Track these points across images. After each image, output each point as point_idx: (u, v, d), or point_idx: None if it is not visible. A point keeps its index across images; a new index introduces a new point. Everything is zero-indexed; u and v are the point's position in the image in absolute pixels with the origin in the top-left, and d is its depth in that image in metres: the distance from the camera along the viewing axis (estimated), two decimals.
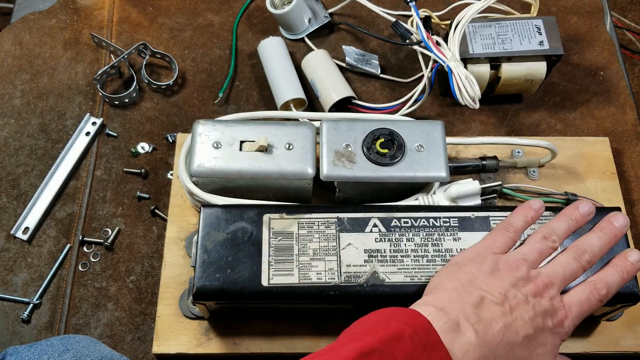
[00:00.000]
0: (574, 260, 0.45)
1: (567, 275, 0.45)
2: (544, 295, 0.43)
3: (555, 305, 0.43)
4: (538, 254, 0.46)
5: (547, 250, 0.46)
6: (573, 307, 0.44)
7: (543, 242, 0.46)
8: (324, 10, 0.75)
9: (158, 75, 0.72)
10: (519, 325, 0.41)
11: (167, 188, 0.64)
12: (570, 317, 0.43)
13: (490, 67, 0.64)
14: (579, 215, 0.48)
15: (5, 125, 0.68)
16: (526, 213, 0.49)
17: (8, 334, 0.58)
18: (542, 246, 0.46)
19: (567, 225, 0.48)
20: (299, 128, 0.55)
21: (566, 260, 0.45)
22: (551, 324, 0.42)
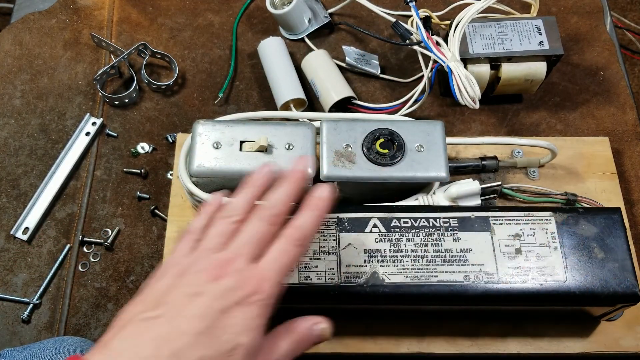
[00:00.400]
0: (258, 220, 0.42)
1: (254, 240, 0.41)
2: (227, 273, 0.39)
3: (244, 275, 0.39)
4: (219, 237, 0.42)
5: (227, 228, 0.42)
6: (269, 266, 0.40)
7: (221, 222, 0.43)
8: (324, 10, 0.75)
9: (158, 75, 0.72)
10: (186, 325, 0.37)
11: (167, 188, 0.64)
12: (267, 278, 0.40)
13: (490, 67, 0.64)
14: (255, 180, 0.45)
15: (5, 125, 0.68)
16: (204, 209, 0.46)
17: (8, 334, 0.58)
18: (221, 227, 0.43)
19: (244, 195, 0.44)
20: (299, 128, 0.55)
21: (250, 226, 0.42)
22: (239, 296, 0.38)
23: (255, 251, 0.41)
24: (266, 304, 0.39)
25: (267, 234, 0.42)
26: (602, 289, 0.48)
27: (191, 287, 0.39)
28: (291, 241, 0.41)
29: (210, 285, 0.39)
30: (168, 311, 0.38)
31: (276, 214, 0.43)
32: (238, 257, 0.40)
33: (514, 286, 0.48)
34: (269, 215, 0.42)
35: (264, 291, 0.39)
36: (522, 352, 0.54)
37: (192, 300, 0.38)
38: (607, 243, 0.50)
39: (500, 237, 0.50)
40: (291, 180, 0.44)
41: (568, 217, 0.51)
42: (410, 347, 0.54)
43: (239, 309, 0.38)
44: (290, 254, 0.41)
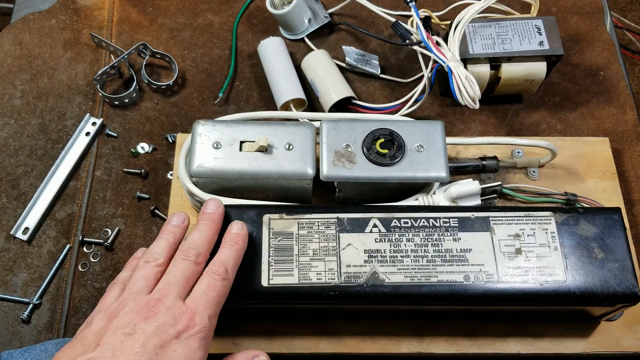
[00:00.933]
0: (182, 261, 0.44)
1: (181, 279, 0.43)
2: (159, 311, 0.41)
3: (175, 312, 0.41)
4: (144, 280, 0.44)
5: (152, 271, 0.44)
6: (199, 301, 0.42)
7: (145, 266, 0.45)
8: (324, 10, 0.75)
9: (158, 76, 0.72)
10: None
11: (167, 188, 0.64)
12: (199, 312, 0.41)
13: (490, 67, 0.64)
14: (173, 228, 0.48)
15: (5, 126, 0.68)
16: (129, 263, 0.49)
17: (8, 334, 0.58)
18: (145, 270, 0.44)
19: (165, 240, 0.47)
20: (299, 128, 0.55)
21: (175, 267, 0.44)
22: (174, 331, 0.40)
23: (182, 289, 0.43)
24: (202, 337, 0.41)
25: (192, 272, 0.44)
26: (602, 289, 0.48)
27: (125, 328, 0.40)
28: (215, 276, 0.44)
29: (143, 324, 0.40)
30: (106, 350, 0.38)
31: (198, 253, 0.45)
32: (166, 296, 0.42)
33: (514, 286, 0.48)
34: (192, 255, 0.45)
35: (197, 324, 0.41)
36: (522, 352, 0.54)
37: (128, 338, 0.39)
38: (607, 243, 0.50)
39: (500, 237, 0.50)
40: (208, 221, 0.47)
41: (568, 217, 0.51)
42: (410, 347, 0.54)
43: (177, 344, 0.40)
44: (216, 287, 0.43)
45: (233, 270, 0.45)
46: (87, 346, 0.39)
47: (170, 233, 0.47)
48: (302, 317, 0.55)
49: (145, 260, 0.45)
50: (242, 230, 0.48)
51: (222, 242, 0.47)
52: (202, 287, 0.43)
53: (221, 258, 0.45)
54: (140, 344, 0.39)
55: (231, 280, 0.45)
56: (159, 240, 0.47)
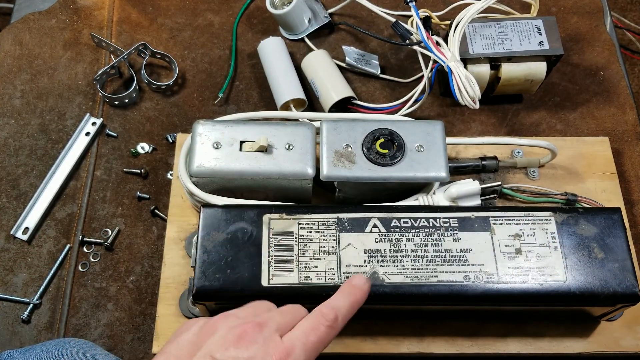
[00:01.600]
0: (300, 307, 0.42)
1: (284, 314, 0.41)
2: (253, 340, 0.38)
3: (270, 345, 0.38)
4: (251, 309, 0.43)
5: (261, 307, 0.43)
6: (297, 342, 0.39)
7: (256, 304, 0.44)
8: (324, 10, 0.75)
9: (158, 75, 0.72)
10: None
11: (167, 188, 0.64)
12: (294, 354, 0.38)
13: (490, 67, 0.64)
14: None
15: (5, 126, 0.68)
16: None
17: (8, 334, 0.58)
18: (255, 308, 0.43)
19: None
20: (299, 128, 0.55)
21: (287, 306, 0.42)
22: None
23: (284, 324, 0.40)
24: None
25: (298, 312, 0.41)
26: (602, 289, 0.48)
27: (214, 350, 0.37)
28: (322, 319, 0.40)
29: (233, 351, 0.37)
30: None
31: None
32: (266, 325, 0.39)
33: (514, 286, 0.48)
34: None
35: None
36: (522, 352, 0.54)
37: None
38: (607, 243, 0.50)
39: (500, 237, 0.50)
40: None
41: (568, 217, 0.51)
42: (410, 347, 0.54)
43: None
44: (319, 333, 0.40)
45: (343, 322, 0.41)
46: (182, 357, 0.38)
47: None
48: None
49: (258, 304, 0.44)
50: (365, 285, 0.44)
51: (339, 289, 0.44)
52: (304, 326, 0.40)
53: (333, 304, 0.41)
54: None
55: (337, 330, 0.41)
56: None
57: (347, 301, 0.42)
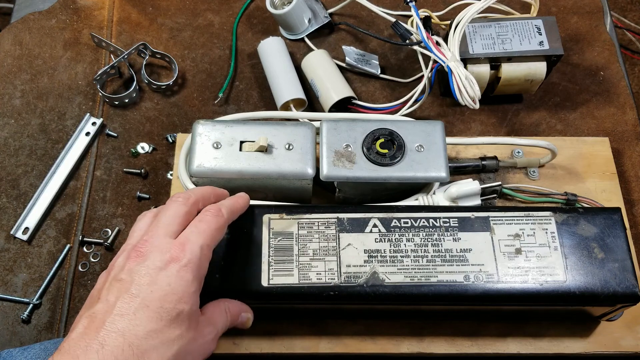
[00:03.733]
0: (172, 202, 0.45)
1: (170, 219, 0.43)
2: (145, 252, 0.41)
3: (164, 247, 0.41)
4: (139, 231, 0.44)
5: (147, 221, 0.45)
6: (190, 234, 0.42)
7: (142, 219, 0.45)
8: (324, 10, 0.75)
9: (158, 75, 0.72)
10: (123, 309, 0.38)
11: (167, 188, 0.64)
12: (189, 242, 0.41)
13: (490, 67, 0.64)
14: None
15: (5, 125, 0.68)
16: None
17: (8, 334, 0.58)
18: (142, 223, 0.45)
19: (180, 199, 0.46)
20: (299, 128, 0.55)
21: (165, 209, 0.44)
22: (162, 263, 0.40)
23: (173, 228, 0.42)
24: (195, 266, 0.41)
25: (183, 212, 0.43)
26: (602, 289, 0.48)
27: (119, 274, 0.40)
28: (208, 213, 0.44)
29: (134, 266, 0.40)
30: (104, 301, 0.39)
31: (189, 196, 0.45)
32: (154, 236, 0.42)
33: (514, 286, 0.48)
34: (182, 197, 0.44)
35: (187, 253, 0.40)
36: (522, 352, 0.54)
37: (122, 285, 0.39)
38: (607, 243, 0.50)
39: (500, 237, 0.50)
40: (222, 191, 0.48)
41: (568, 217, 0.51)
42: (410, 347, 0.54)
43: (168, 276, 0.39)
44: (209, 222, 0.43)
45: (227, 211, 0.45)
46: (92, 302, 0.40)
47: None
48: (302, 317, 0.55)
49: (145, 214, 0.46)
50: (246, 196, 0.49)
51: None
52: (193, 222, 0.43)
53: (216, 203, 0.46)
54: (133, 285, 0.39)
55: (225, 219, 0.45)
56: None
57: (229, 200, 0.47)
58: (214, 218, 0.44)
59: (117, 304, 0.38)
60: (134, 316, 0.38)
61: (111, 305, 0.39)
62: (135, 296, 0.38)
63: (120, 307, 0.38)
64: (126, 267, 0.40)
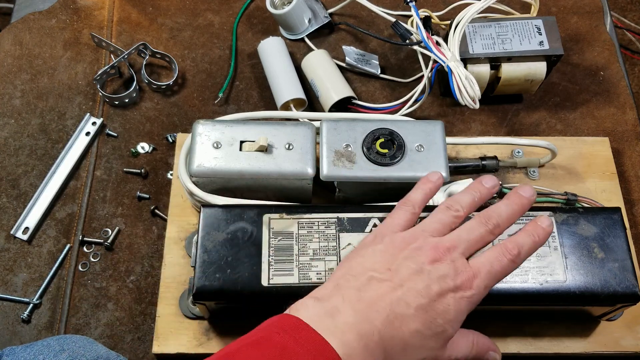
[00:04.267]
0: (480, 224, 0.44)
1: (472, 239, 0.43)
2: (444, 259, 0.42)
3: (458, 267, 0.42)
4: (439, 224, 0.44)
5: (449, 219, 0.45)
6: (482, 267, 0.42)
7: (445, 212, 0.45)
8: (324, 10, 0.75)
9: (158, 75, 0.72)
10: (411, 297, 0.40)
11: (167, 188, 0.64)
12: (479, 277, 0.42)
13: (490, 67, 0.64)
14: (483, 189, 0.47)
15: (5, 125, 0.68)
16: (424, 186, 0.48)
17: (8, 334, 0.58)
18: (444, 216, 0.45)
19: (471, 197, 0.46)
20: (299, 128, 0.55)
21: (471, 225, 0.44)
22: (453, 285, 0.41)
23: (469, 250, 0.43)
24: (473, 302, 0.42)
25: (484, 239, 0.44)
26: (602, 289, 0.48)
27: (413, 264, 0.41)
28: (507, 253, 0.43)
29: (429, 266, 0.41)
30: (394, 278, 0.41)
31: (498, 224, 0.44)
32: (454, 248, 0.42)
33: (514, 286, 0.48)
34: (492, 224, 0.44)
35: (474, 287, 0.42)
36: (522, 352, 0.54)
37: (414, 276, 0.41)
38: (607, 243, 0.50)
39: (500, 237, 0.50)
40: (518, 202, 0.46)
41: (568, 217, 0.51)
42: None
43: (452, 297, 0.41)
44: (502, 264, 0.43)
45: (524, 258, 0.44)
46: (380, 263, 0.42)
47: (478, 192, 0.47)
48: None
49: (447, 206, 0.45)
50: (549, 228, 0.45)
51: (523, 228, 0.45)
52: (489, 256, 0.43)
53: (518, 241, 0.44)
54: (424, 285, 0.41)
55: (517, 266, 0.44)
56: (466, 193, 0.47)
57: (531, 241, 0.44)
58: (509, 263, 0.43)
59: (406, 287, 0.41)
60: (414, 311, 0.40)
61: (400, 284, 0.41)
62: (422, 296, 0.40)
63: (407, 294, 0.40)
64: (421, 261, 0.42)
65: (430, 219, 0.45)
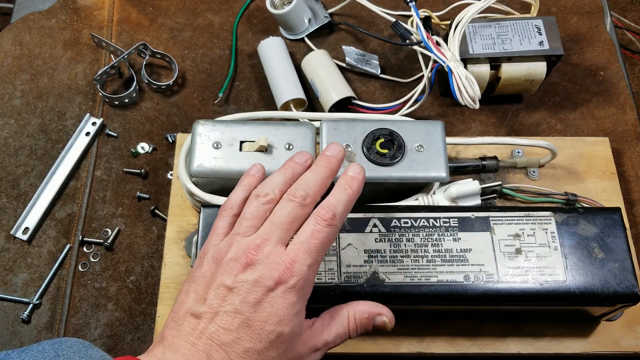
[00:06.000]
0: (287, 202, 0.41)
1: (284, 221, 0.41)
2: (257, 260, 0.40)
3: (273, 260, 0.39)
4: (251, 218, 0.42)
5: (261, 208, 0.42)
6: (299, 248, 0.40)
7: (255, 202, 0.42)
8: (324, 10, 0.75)
9: (158, 75, 0.72)
10: (228, 321, 0.38)
11: (167, 188, 0.64)
12: (298, 261, 0.39)
13: (490, 67, 0.64)
14: (295, 165, 0.44)
15: (5, 125, 0.68)
16: (243, 182, 0.45)
17: (8, 334, 0.58)
18: (254, 208, 0.42)
19: (282, 175, 0.44)
20: (299, 128, 0.55)
21: (279, 207, 0.42)
22: (271, 283, 0.39)
23: (285, 233, 0.41)
24: (300, 287, 0.40)
25: (297, 215, 0.41)
26: (602, 289, 0.48)
27: (227, 280, 0.40)
28: (320, 221, 0.41)
29: (242, 276, 0.39)
30: (210, 308, 0.39)
31: (306, 194, 0.42)
32: (266, 242, 0.40)
33: (514, 286, 0.48)
34: (300, 197, 0.42)
35: (295, 273, 0.39)
36: (522, 352, 0.54)
37: (228, 294, 0.39)
38: (607, 243, 0.50)
39: (500, 237, 0.50)
40: (325, 163, 0.44)
41: (568, 217, 0.51)
42: (410, 347, 0.54)
43: (274, 296, 0.39)
44: (320, 234, 0.40)
45: (341, 217, 0.42)
46: (197, 298, 0.40)
47: (290, 168, 0.44)
48: None
49: (257, 194, 0.43)
50: (360, 174, 0.43)
51: (335, 184, 0.43)
52: (305, 232, 0.40)
53: (331, 202, 0.41)
54: (240, 300, 0.39)
55: (338, 227, 0.41)
56: (277, 173, 0.44)
57: (344, 196, 0.42)
58: (327, 229, 0.40)
59: (221, 313, 0.39)
60: (236, 333, 0.38)
61: (215, 312, 0.39)
62: (240, 313, 0.39)
63: (223, 319, 0.39)
64: (234, 273, 0.40)
65: (242, 215, 0.42)
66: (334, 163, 0.44)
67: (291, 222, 0.41)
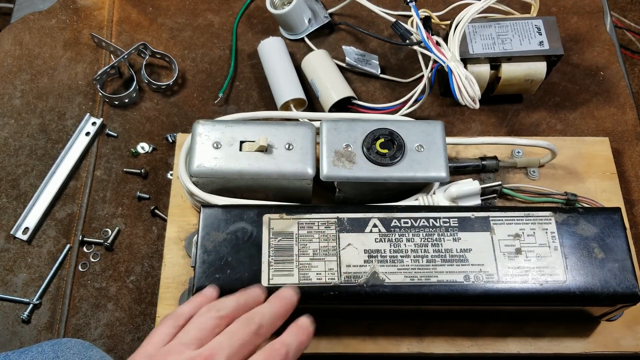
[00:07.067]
0: (243, 325, 0.40)
1: (235, 344, 0.39)
2: None
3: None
4: (200, 330, 0.40)
5: (211, 322, 0.40)
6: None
7: (206, 314, 0.41)
8: (324, 10, 0.75)
9: (158, 75, 0.72)
10: None
11: (167, 188, 0.64)
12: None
13: (490, 67, 0.64)
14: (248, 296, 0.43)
15: (5, 125, 0.68)
16: (194, 300, 0.44)
17: (8, 335, 0.58)
18: (204, 319, 0.40)
19: (236, 300, 0.42)
20: (299, 128, 0.55)
21: (234, 328, 0.40)
22: None
23: (234, 356, 0.39)
24: None
25: (249, 341, 0.40)
26: (602, 289, 0.48)
27: None
28: (276, 355, 0.39)
29: None
30: None
31: (261, 324, 0.40)
32: (214, 356, 0.38)
33: (514, 286, 0.48)
34: (256, 324, 0.40)
35: None
36: (522, 352, 0.54)
37: None
38: (607, 243, 0.50)
39: (500, 237, 0.50)
40: (283, 302, 0.43)
41: (568, 217, 0.51)
42: (410, 347, 0.54)
43: None
44: None
45: (293, 355, 0.40)
46: None
47: (243, 297, 0.43)
48: None
49: (209, 307, 0.41)
50: (310, 327, 0.42)
51: (288, 328, 0.42)
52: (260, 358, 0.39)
53: (285, 340, 0.40)
54: None
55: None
56: (230, 297, 0.43)
57: (297, 341, 0.41)
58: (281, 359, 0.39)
59: None
60: None
61: None
62: None
63: None
64: None
65: (190, 325, 0.40)
66: (288, 306, 0.43)
67: (242, 346, 0.39)
